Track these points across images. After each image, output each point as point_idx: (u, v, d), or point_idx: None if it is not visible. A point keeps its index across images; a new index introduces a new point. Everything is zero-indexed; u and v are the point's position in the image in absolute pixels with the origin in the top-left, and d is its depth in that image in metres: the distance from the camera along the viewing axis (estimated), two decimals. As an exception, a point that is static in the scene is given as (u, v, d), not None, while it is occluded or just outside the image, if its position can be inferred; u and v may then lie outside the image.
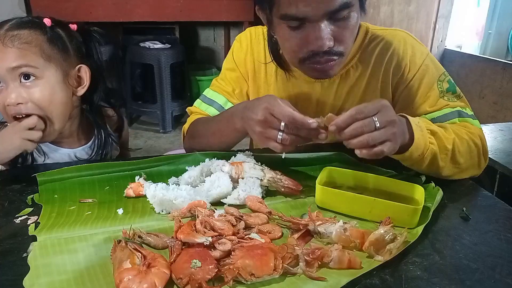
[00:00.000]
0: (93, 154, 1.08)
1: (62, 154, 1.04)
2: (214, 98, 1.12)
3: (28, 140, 0.89)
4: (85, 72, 1.00)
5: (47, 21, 0.96)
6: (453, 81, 0.99)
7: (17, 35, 0.91)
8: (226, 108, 1.09)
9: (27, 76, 0.91)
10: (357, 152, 0.73)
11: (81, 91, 1.00)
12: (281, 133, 0.78)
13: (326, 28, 0.83)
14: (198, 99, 1.17)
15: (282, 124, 0.77)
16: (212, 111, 1.10)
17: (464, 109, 0.96)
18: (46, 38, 0.94)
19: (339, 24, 0.84)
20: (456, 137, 0.87)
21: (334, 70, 0.91)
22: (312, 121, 0.76)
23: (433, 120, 0.93)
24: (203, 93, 1.16)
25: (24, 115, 0.91)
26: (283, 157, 0.85)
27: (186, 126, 1.13)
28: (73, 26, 1.01)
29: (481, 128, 0.95)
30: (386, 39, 1.01)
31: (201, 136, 1.06)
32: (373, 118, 0.72)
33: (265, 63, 1.09)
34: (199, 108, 1.13)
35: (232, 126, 0.92)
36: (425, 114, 0.96)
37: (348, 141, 0.73)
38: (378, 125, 0.71)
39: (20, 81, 0.91)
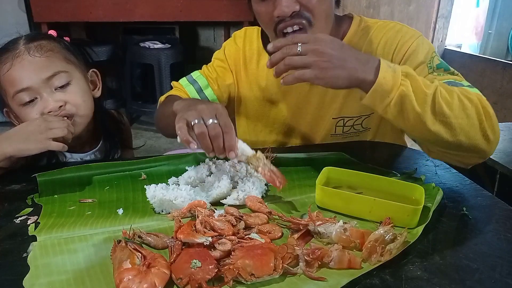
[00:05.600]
0: (102, 157, 1.09)
1: (74, 159, 1.05)
2: (197, 79, 1.16)
3: (53, 140, 0.85)
4: (96, 75, 1.06)
5: (53, 33, 0.99)
6: (443, 61, 0.95)
7: (39, 45, 0.93)
8: (205, 91, 1.14)
9: (62, 85, 0.94)
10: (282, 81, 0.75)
11: (97, 92, 1.06)
12: (197, 120, 0.74)
13: None
14: (184, 77, 1.20)
15: (210, 121, 0.74)
16: (191, 90, 1.15)
17: (457, 81, 0.89)
18: (62, 46, 0.97)
19: None
20: (442, 87, 0.78)
21: None
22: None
23: None
24: (191, 73, 1.20)
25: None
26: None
27: (162, 98, 1.17)
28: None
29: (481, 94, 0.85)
30: (378, 30, 1.03)
31: (159, 117, 1.11)
32: (298, 44, 0.73)
33: (257, 56, 1.14)
34: (181, 84, 1.17)
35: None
36: None
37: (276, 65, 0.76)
38: (299, 50, 0.73)
39: (55, 89, 0.94)
